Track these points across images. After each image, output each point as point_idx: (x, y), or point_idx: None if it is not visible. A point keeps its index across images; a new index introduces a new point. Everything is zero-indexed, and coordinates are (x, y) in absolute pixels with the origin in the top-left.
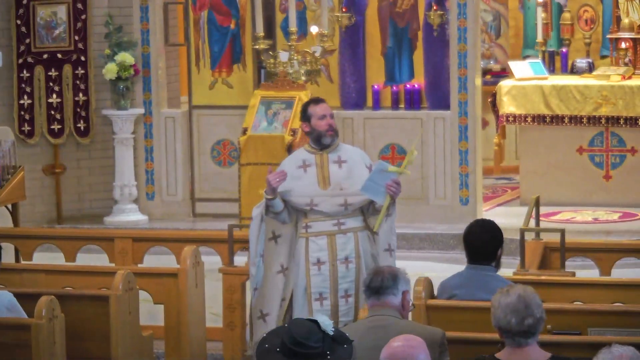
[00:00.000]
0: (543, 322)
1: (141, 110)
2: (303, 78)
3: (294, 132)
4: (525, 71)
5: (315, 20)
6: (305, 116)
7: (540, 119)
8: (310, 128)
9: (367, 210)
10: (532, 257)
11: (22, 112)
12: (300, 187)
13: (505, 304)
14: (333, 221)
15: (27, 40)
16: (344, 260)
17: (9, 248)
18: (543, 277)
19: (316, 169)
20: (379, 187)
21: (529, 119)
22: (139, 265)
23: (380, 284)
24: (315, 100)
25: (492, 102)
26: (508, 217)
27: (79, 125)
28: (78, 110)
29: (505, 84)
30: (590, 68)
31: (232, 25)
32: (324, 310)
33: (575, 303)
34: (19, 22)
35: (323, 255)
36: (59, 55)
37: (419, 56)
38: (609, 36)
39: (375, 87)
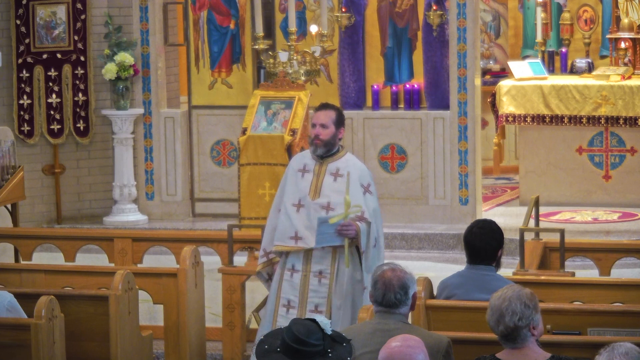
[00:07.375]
0: (523, 329)
1: (141, 110)
2: (302, 78)
3: (293, 132)
4: (524, 71)
5: (315, 20)
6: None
7: (539, 119)
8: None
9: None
10: (531, 257)
11: (22, 112)
12: (295, 190)
13: (490, 306)
14: None
15: (27, 40)
16: (317, 273)
17: (8, 248)
18: (543, 277)
19: (312, 176)
20: (331, 234)
21: (528, 119)
22: (139, 265)
23: (393, 301)
24: (319, 107)
25: (491, 102)
26: (507, 217)
27: (78, 125)
28: (77, 110)
29: (504, 84)
30: (590, 68)
31: (232, 25)
32: (288, 318)
33: (575, 303)
34: (18, 22)
35: (298, 264)
36: (59, 55)
37: (418, 56)
38: (608, 36)
39: (375, 87)
